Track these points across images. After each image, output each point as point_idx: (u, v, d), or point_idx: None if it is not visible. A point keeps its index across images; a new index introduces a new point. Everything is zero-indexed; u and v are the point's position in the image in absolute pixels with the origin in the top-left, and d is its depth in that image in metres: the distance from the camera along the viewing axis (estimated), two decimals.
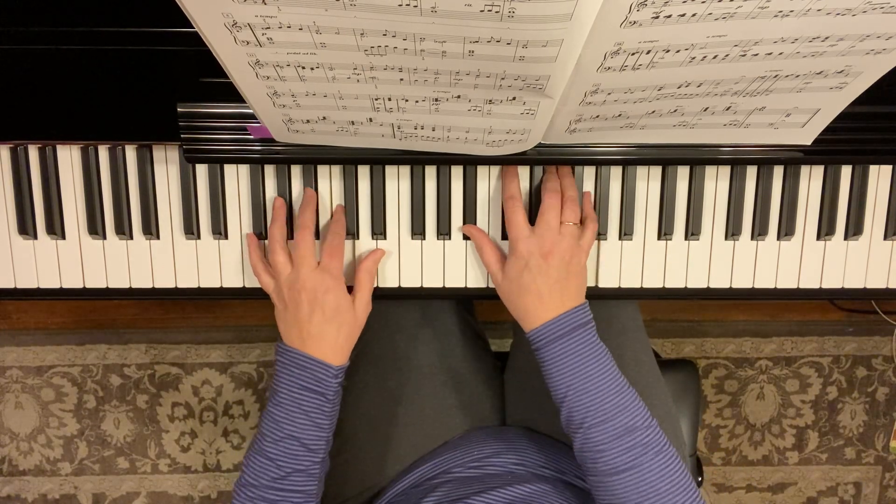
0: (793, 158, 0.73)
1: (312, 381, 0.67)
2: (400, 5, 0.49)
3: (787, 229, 0.78)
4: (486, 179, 0.78)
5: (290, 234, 0.76)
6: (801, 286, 0.80)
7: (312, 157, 0.74)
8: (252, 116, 0.68)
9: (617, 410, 0.65)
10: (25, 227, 0.78)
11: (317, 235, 0.76)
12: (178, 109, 0.69)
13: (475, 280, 0.80)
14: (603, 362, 0.67)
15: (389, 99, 0.61)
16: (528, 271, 0.69)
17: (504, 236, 0.78)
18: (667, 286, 0.80)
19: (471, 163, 0.74)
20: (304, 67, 0.57)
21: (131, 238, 0.78)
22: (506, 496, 0.71)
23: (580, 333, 0.68)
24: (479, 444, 0.82)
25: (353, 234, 0.78)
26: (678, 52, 0.54)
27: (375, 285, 0.78)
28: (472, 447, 0.82)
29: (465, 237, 0.78)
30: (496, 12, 0.49)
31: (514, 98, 0.60)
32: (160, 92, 0.70)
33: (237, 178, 0.78)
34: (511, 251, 0.71)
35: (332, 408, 0.68)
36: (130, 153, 0.77)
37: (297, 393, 0.67)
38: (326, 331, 0.69)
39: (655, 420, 0.67)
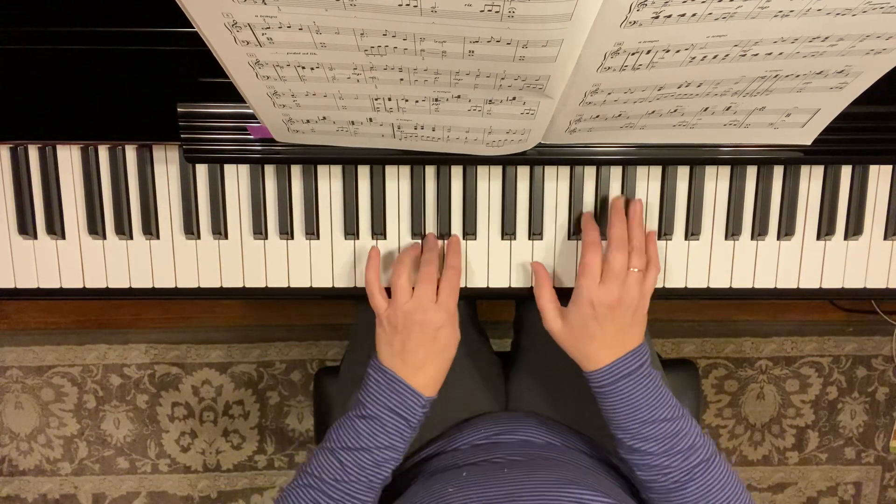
0: (793, 158, 0.73)
1: (401, 407, 0.69)
2: (400, 5, 0.49)
3: (787, 229, 0.78)
4: (486, 179, 0.78)
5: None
6: (801, 286, 0.80)
7: (312, 157, 0.74)
8: (252, 116, 0.68)
9: (679, 436, 0.68)
10: (25, 227, 0.78)
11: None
12: (178, 109, 0.69)
13: (475, 280, 0.80)
14: (663, 395, 0.69)
15: (389, 99, 0.61)
16: (594, 321, 0.69)
17: (503, 235, 0.78)
18: (667, 286, 0.80)
19: (471, 163, 0.74)
20: (304, 67, 0.57)
21: (131, 238, 0.78)
22: (525, 452, 0.74)
23: (641, 371, 0.69)
24: (488, 423, 0.83)
25: (353, 234, 0.78)
26: (678, 52, 0.54)
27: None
28: (478, 427, 0.82)
29: (465, 237, 0.78)
30: (496, 12, 0.49)
31: (514, 98, 0.60)
32: (160, 92, 0.70)
33: (237, 178, 0.78)
34: (578, 298, 0.70)
35: (411, 433, 0.70)
36: (130, 153, 0.77)
37: (384, 413, 0.69)
38: (429, 364, 0.71)
39: (708, 436, 0.70)
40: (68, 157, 0.77)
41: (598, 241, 0.72)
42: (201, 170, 0.77)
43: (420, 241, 0.78)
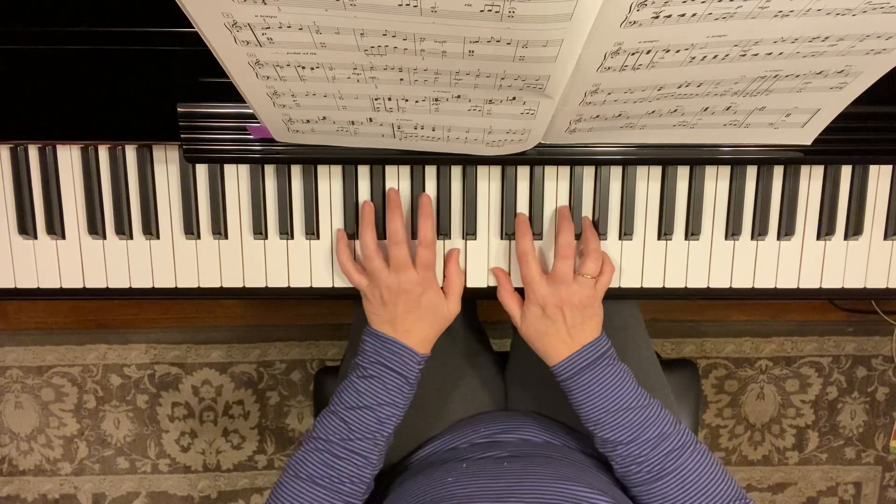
0: (793, 158, 0.73)
1: (398, 364, 0.72)
2: (400, 5, 0.49)
3: (787, 229, 0.78)
4: (486, 179, 0.78)
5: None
6: (801, 286, 0.80)
7: (312, 157, 0.74)
8: (252, 116, 0.68)
9: (647, 424, 0.70)
10: (25, 227, 0.78)
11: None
12: (178, 109, 0.69)
13: (475, 280, 0.80)
14: (626, 383, 0.71)
15: (389, 99, 0.61)
16: (545, 318, 0.73)
17: (503, 235, 0.78)
18: (667, 286, 0.80)
19: (471, 163, 0.74)
20: (304, 67, 0.57)
21: (131, 238, 0.78)
22: (524, 450, 0.76)
23: (601, 362, 0.71)
24: (487, 422, 0.84)
25: (353, 234, 0.78)
26: (678, 52, 0.54)
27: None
28: (478, 426, 0.83)
29: (465, 237, 0.78)
30: (496, 12, 0.49)
31: (514, 98, 0.60)
32: (160, 92, 0.70)
33: (237, 178, 0.78)
34: (527, 299, 0.74)
35: (410, 389, 0.73)
36: (130, 153, 0.77)
37: (383, 372, 0.72)
38: (419, 326, 0.74)
39: (680, 422, 0.72)
40: (68, 157, 0.77)
41: (532, 250, 0.74)
42: (201, 170, 0.77)
43: (371, 210, 0.76)
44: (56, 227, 0.78)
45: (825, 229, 0.78)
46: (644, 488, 0.69)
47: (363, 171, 0.77)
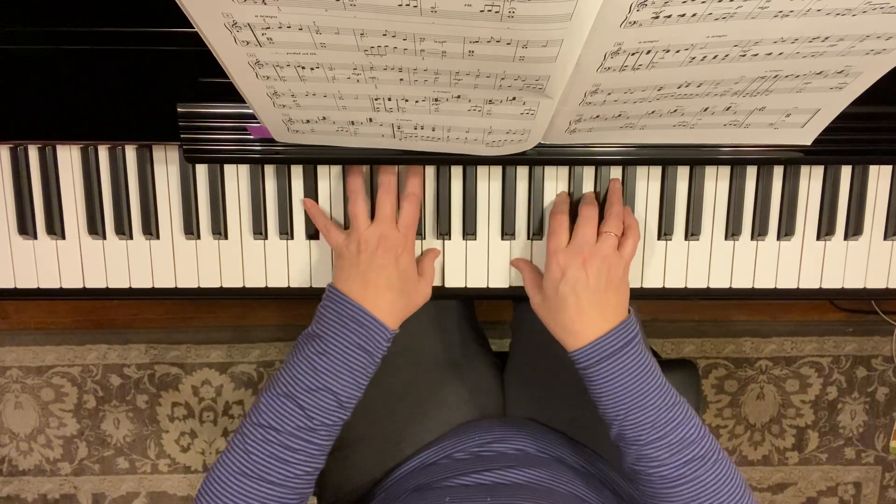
0: (793, 158, 0.73)
1: (366, 340, 0.65)
2: (400, 5, 0.49)
3: (786, 229, 0.78)
4: (486, 179, 0.78)
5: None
6: (801, 286, 0.80)
7: (312, 157, 0.74)
8: (252, 116, 0.68)
9: (672, 426, 0.63)
10: (25, 227, 0.78)
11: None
12: (178, 109, 0.69)
13: (475, 280, 0.79)
14: (654, 376, 0.64)
15: (389, 99, 0.61)
16: (565, 283, 0.66)
17: (503, 235, 0.78)
18: (667, 286, 0.80)
19: (471, 163, 0.74)
20: (304, 67, 0.57)
21: (131, 238, 0.78)
22: (510, 477, 0.72)
23: (628, 351, 0.64)
24: (481, 431, 0.83)
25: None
26: (678, 52, 0.54)
27: None
28: (474, 433, 0.82)
29: (465, 237, 0.78)
30: (496, 12, 0.49)
31: (514, 98, 0.60)
32: (160, 92, 0.70)
33: (237, 178, 0.78)
34: (547, 266, 0.68)
35: (374, 369, 0.66)
36: (130, 153, 0.77)
37: (348, 348, 0.64)
38: (392, 287, 0.67)
39: (706, 429, 0.66)
40: (68, 157, 0.77)
41: (566, 211, 0.72)
42: (201, 170, 0.77)
43: (359, 166, 0.75)
44: (56, 228, 0.78)
45: (825, 229, 0.78)
46: (654, 490, 0.64)
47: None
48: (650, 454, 0.63)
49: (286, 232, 0.78)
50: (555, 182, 0.77)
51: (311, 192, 0.77)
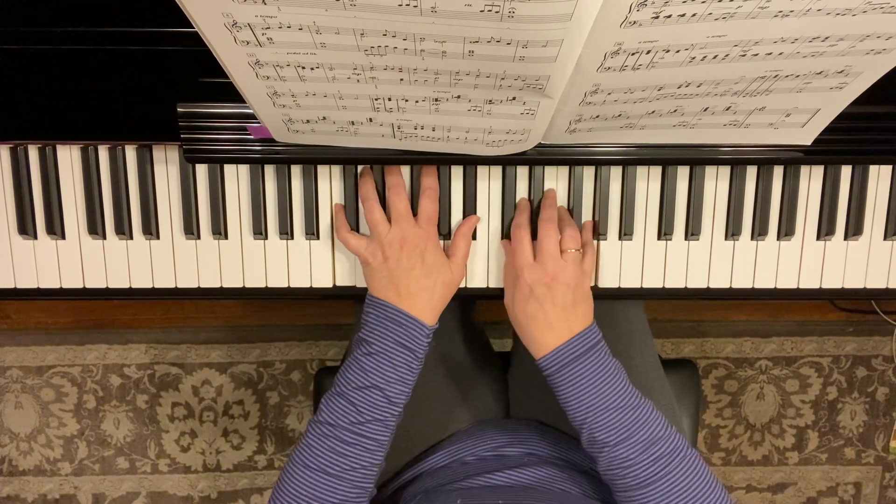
0: (793, 158, 0.73)
1: (406, 338, 0.68)
2: (400, 5, 0.49)
3: (787, 229, 0.78)
4: (486, 179, 0.78)
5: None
6: (801, 286, 0.80)
7: (312, 157, 0.74)
8: (252, 116, 0.68)
9: (637, 425, 0.66)
10: (25, 227, 0.78)
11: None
12: (178, 109, 0.69)
13: (475, 280, 0.79)
14: (617, 380, 0.67)
15: (389, 99, 0.61)
16: (534, 299, 0.69)
17: (503, 235, 0.78)
18: (667, 286, 0.80)
19: (471, 163, 0.74)
20: (304, 67, 0.57)
21: (131, 238, 0.78)
22: (519, 479, 0.73)
23: (592, 355, 0.68)
24: (490, 434, 0.83)
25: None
26: (678, 52, 0.54)
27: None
28: (484, 437, 0.82)
29: None
30: (496, 12, 0.49)
31: (514, 98, 0.60)
32: (160, 92, 0.70)
33: (237, 178, 0.78)
34: (516, 280, 0.71)
35: (418, 365, 0.70)
36: (130, 153, 0.77)
37: (391, 347, 0.68)
38: (424, 286, 0.70)
39: (674, 426, 0.68)
40: (68, 157, 0.77)
41: (527, 224, 0.73)
42: (201, 170, 0.77)
43: (369, 170, 0.76)
44: (56, 227, 0.78)
45: (825, 229, 0.78)
46: (629, 494, 0.66)
47: None
48: (620, 454, 0.65)
49: (286, 232, 0.78)
50: (555, 182, 0.78)
51: (311, 192, 0.77)
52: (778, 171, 0.78)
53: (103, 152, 0.77)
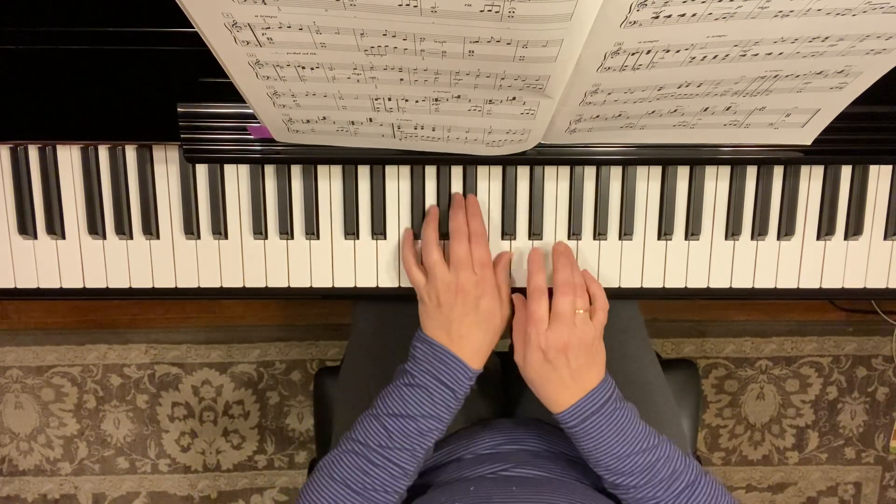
0: (793, 158, 0.73)
1: (449, 378, 0.70)
2: (400, 5, 0.49)
3: (787, 229, 0.78)
4: (486, 179, 0.78)
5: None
6: (801, 286, 0.80)
7: (312, 157, 0.74)
8: (252, 116, 0.68)
9: (659, 464, 0.67)
10: (25, 227, 0.78)
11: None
12: (178, 109, 0.69)
13: None
14: (634, 425, 0.69)
15: (389, 99, 0.61)
16: (548, 363, 0.70)
17: (503, 235, 0.78)
18: (667, 286, 0.80)
19: (471, 163, 0.74)
20: (304, 67, 0.57)
21: (131, 238, 0.78)
22: (526, 473, 0.74)
23: (608, 406, 0.69)
24: (490, 434, 0.83)
25: (353, 234, 0.78)
26: (678, 52, 0.54)
27: (376, 285, 0.78)
28: (483, 436, 0.82)
29: None
30: (496, 12, 0.49)
31: (514, 98, 0.60)
32: (160, 92, 0.70)
33: (237, 178, 0.78)
34: (528, 345, 0.71)
35: (457, 405, 0.71)
36: (130, 153, 0.77)
37: (432, 383, 0.70)
38: (474, 333, 0.72)
39: (689, 457, 0.70)
40: (68, 157, 0.77)
41: (544, 286, 0.73)
42: (201, 170, 0.77)
43: (436, 210, 0.77)
44: (56, 227, 0.78)
45: (825, 229, 0.78)
46: None
47: (363, 172, 0.77)
48: (646, 495, 0.67)
49: (286, 232, 0.78)
50: (555, 182, 0.78)
51: (311, 191, 0.77)
52: (778, 171, 0.78)
53: (103, 152, 0.77)
